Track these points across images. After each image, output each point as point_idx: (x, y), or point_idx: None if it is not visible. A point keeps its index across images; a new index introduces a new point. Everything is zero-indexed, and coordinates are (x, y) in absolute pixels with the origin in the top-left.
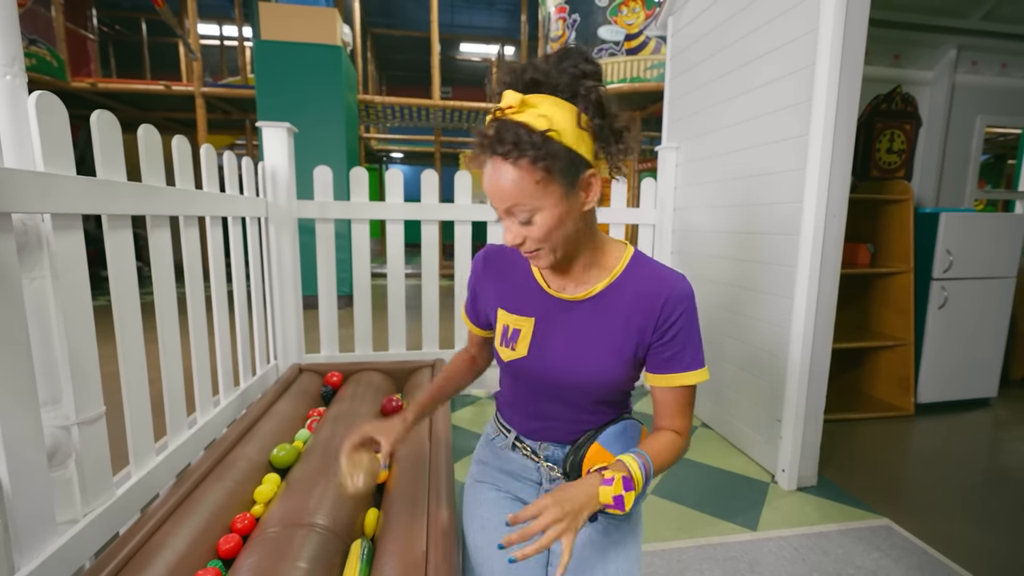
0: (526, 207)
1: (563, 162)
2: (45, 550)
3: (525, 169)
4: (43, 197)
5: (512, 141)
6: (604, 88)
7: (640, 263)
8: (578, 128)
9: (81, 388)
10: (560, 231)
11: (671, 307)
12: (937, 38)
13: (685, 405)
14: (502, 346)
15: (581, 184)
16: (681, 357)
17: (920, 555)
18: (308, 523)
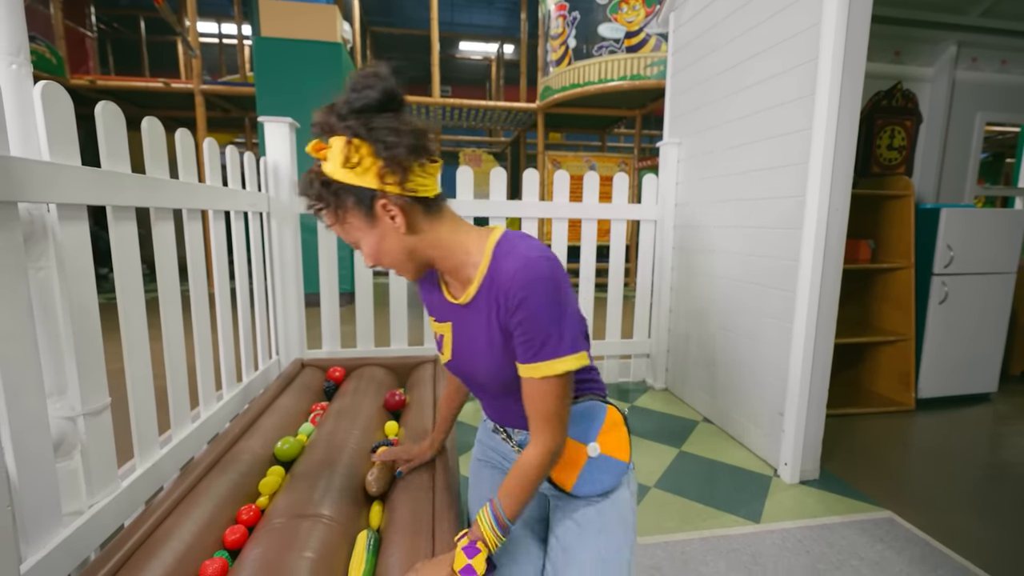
0: (350, 239)
1: (349, 200)
2: (51, 541)
3: (327, 215)
4: (49, 187)
5: (308, 196)
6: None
7: (500, 254)
8: (345, 168)
9: (87, 379)
10: (388, 255)
11: (514, 296)
12: (937, 34)
13: (545, 405)
14: (438, 351)
15: (378, 213)
16: (530, 345)
17: (923, 546)
18: (313, 514)
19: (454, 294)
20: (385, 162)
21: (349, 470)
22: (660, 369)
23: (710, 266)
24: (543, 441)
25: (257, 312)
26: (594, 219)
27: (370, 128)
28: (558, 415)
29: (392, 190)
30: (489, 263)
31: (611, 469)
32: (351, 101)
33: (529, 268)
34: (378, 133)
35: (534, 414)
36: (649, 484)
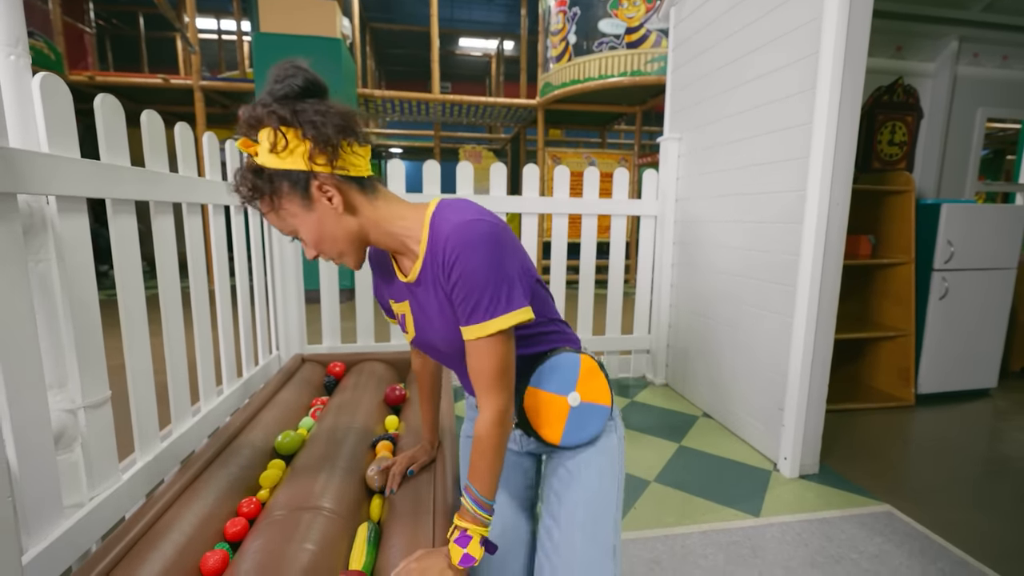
0: (288, 231)
1: (283, 186)
2: (52, 533)
3: (262, 205)
4: (48, 179)
5: (242, 188)
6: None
7: (436, 222)
8: (273, 153)
9: (87, 371)
10: (328, 241)
11: (447, 260)
12: (939, 29)
13: (486, 365)
14: (403, 332)
15: (315, 195)
16: (465, 306)
17: (922, 540)
18: (314, 506)
19: (405, 272)
20: (312, 142)
21: (350, 463)
22: (660, 365)
23: (710, 261)
24: (491, 404)
25: (257, 307)
26: (594, 215)
27: (295, 111)
28: (502, 375)
29: (323, 170)
30: (428, 234)
31: (595, 415)
32: (274, 91)
33: (462, 230)
34: (303, 115)
35: (478, 377)
36: (649, 478)
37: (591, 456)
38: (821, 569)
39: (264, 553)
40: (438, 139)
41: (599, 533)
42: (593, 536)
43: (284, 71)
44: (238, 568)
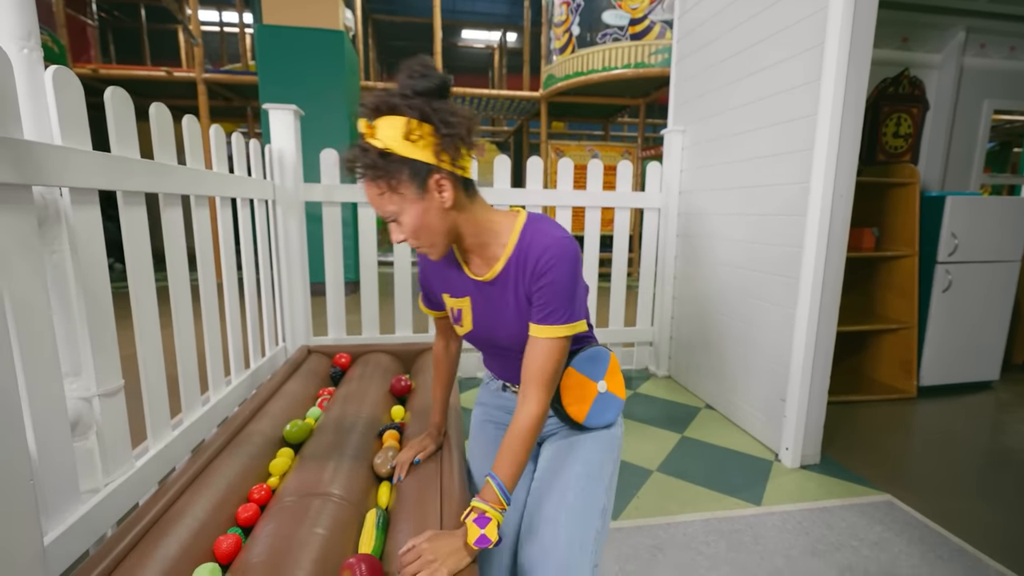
0: (390, 213)
1: (404, 172)
2: (70, 517)
3: (375, 185)
4: (61, 171)
5: (361, 165)
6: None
7: (527, 233)
8: (406, 140)
9: (101, 360)
10: (427, 230)
11: (541, 267)
12: (946, 20)
13: (541, 364)
14: (455, 324)
15: (431, 187)
16: (543, 309)
17: (921, 529)
18: (324, 493)
19: (476, 271)
20: (443, 140)
21: (357, 452)
22: (663, 357)
23: (713, 253)
24: (538, 399)
25: (264, 299)
26: (598, 207)
27: (433, 109)
28: (553, 376)
29: (445, 166)
30: (516, 242)
31: (613, 405)
32: (414, 85)
33: (559, 246)
34: (440, 114)
35: (534, 373)
36: (652, 468)
37: (593, 434)
38: (821, 557)
39: (276, 537)
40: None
41: (591, 490)
42: (585, 490)
43: (421, 69)
44: (251, 551)
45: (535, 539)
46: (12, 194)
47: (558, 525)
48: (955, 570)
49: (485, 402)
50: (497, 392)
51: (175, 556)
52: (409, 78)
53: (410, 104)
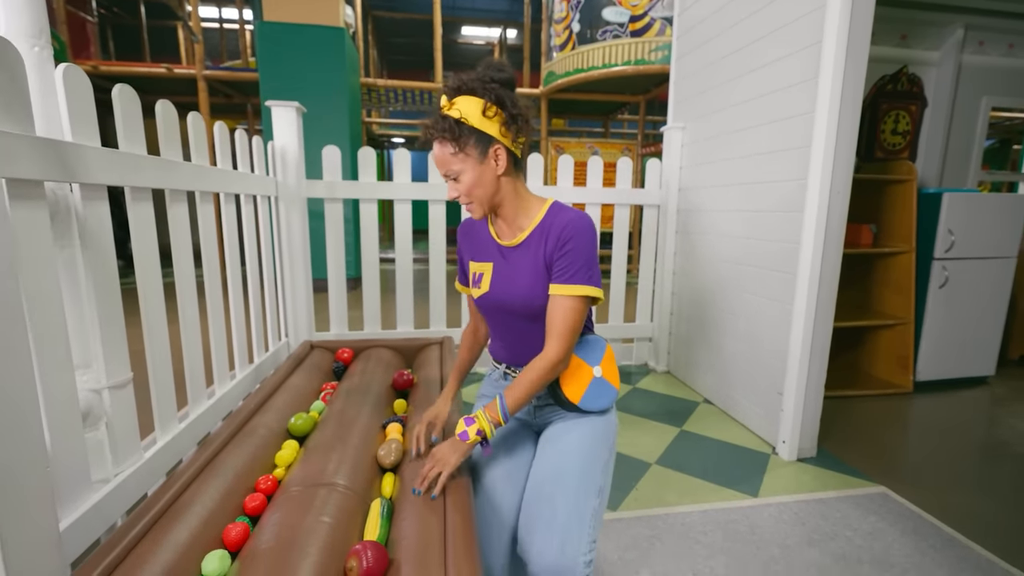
0: (453, 170)
1: (472, 139)
2: (82, 506)
3: (446, 144)
4: (72, 167)
5: (439, 128)
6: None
7: (554, 212)
8: (483, 116)
9: (110, 353)
10: (480, 188)
11: (567, 233)
12: (945, 17)
13: (563, 317)
14: (472, 287)
15: (490, 155)
16: (567, 270)
17: (915, 519)
18: (329, 483)
19: (503, 237)
20: (508, 121)
21: (361, 444)
22: (662, 352)
23: (712, 250)
24: (555, 349)
25: (267, 295)
26: (598, 203)
27: (507, 96)
28: (572, 331)
29: (505, 142)
30: (544, 216)
31: (607, 391)
32: (493, 75)
33: (581, 220)
34: (511, 101)
35: (554, 326)
36: (651, 461)
37: (590, 419)
38: (817, 546)
39: (283, 525)
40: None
41: (588, 469)
42: (582, 470)
43: (499, 64)
44: (259, 539)
45: (534, 517)
46: (26, 190)
47: (556, 503)
48: (947, 558)
49: (486, 394)
50: (498, 382)
51: (186, 543)
52: (488, 69)
53: (487, 88)
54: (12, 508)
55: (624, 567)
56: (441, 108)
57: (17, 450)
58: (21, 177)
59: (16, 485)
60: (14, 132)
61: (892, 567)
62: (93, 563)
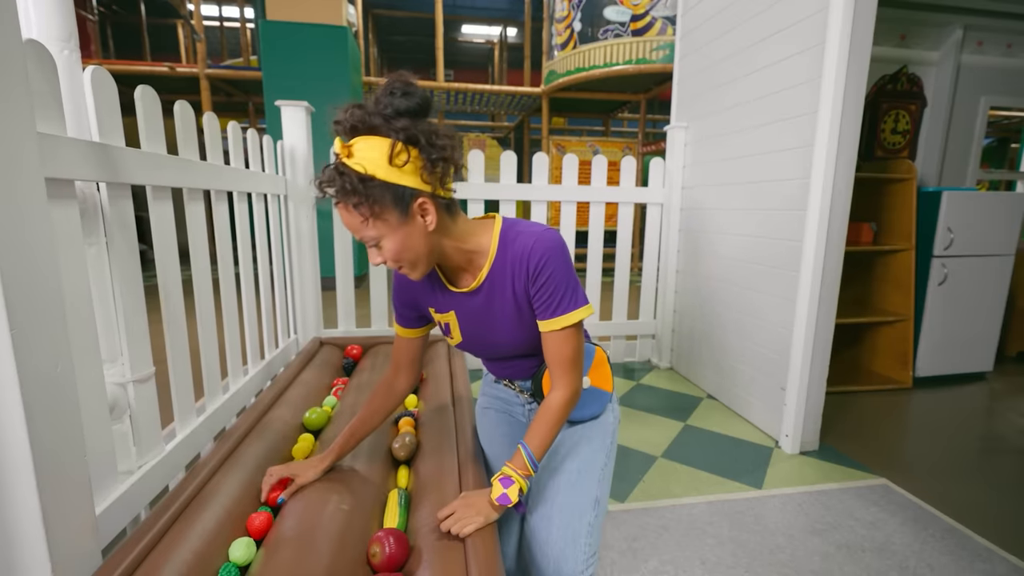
0: (370, 238)
1: (387, 198)
2: (110, 496)
3: (354, 211)
4: (100, 166)
5: (339, 189)
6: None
7: (507, 237)
8: (390, 165)
9: (134, 348)
10: (409, 252)
11: (535, 263)
12: (944, 18)
13: (562, 351)
14: (445, 336)
15: (414, 212)
16: (551, 303)
17: (916, 510)
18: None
19: (458, 284)
20: (430, 163)
21: (375, 437)
22: (665, 349)
23: (715, 247)
24: (566, 385)
25: (276, 292)
26: (602, 202)
27: (419, 131)
28: (576, 361)
29: (428, 190)
30: (497, 250)
31: (598, 398)
32: (396, 104)
33: (543, 240)
34: (426, 136)
35: (557, 362)
36: (656, 455)
37: (583, 427)
38: (820, 535)
39: (305, 513)
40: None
41: (582, 483)
42: (575, 484)
43: (403, 86)
44: (282, 527)
45: (532, 536)
46: (59, 189)
47: (551, 522)
48: (947, 546)
49: (486, 392)
50: (495, 384)
51: (212, 531)
52: (390, 95)
53: (392, 126)
54: (55, 492)
55: (634, 556)
56: (337, 155)
57: (62, 438)
58: (54, 176)
59: (60, 471)
60: (51, 133)
61: (894, 554)
62: (128, 547)
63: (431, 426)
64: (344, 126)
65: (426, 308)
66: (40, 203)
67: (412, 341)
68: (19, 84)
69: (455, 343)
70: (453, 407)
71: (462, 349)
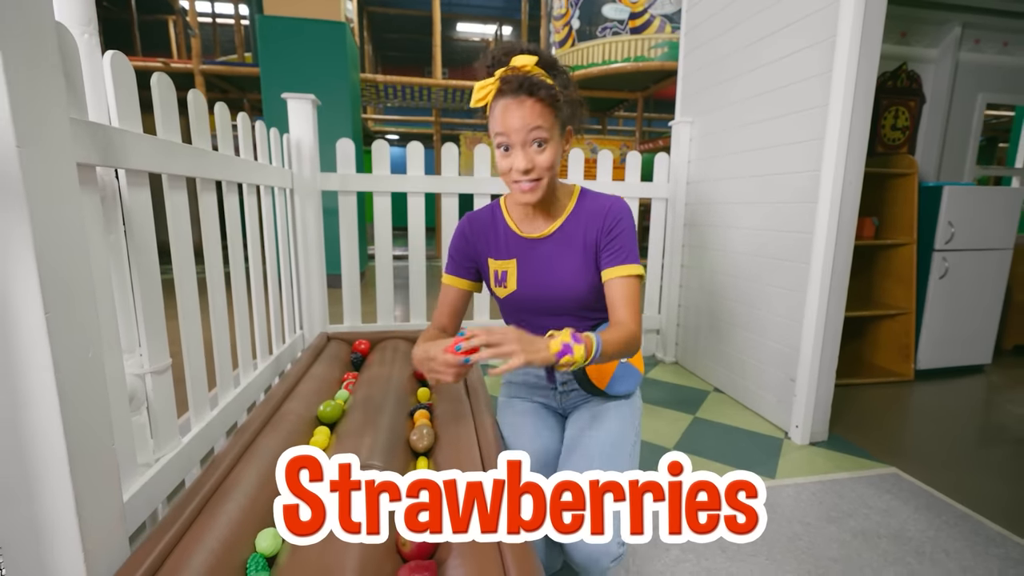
0: (544, 134)
1: (564, 112)
2: (131, 487)
3: (547, 106)
4: (120, 153)
5: (543, 86)
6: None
7: (586, 196)
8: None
9: (152, 339)
10: (554, 165)
11: (613, 216)
12: (943, 15)
13: (630, 294)
14: (497, 287)
15: (567, 134)
16: (621, 252)
17: (927, 497)
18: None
19: (530, 229)
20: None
21: (392, 429)
22: (670, 343)
23: (722, 241)
24: (632, 322)
25: (283, 286)
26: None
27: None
28: (638, 306)
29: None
30: (575, 204)
31: (633, 375)
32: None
33: (620, 202)
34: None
35: (625, 304)
36: (669, 446)
37: (616, 403)
38: (836, 523)
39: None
40: (438, 125)
41: (615, 456)
42: (609, 456)
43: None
44: None
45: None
46: (82, 175)
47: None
48: (961, 532)
49: (512, 381)
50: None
51: (237, 520)
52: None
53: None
54: (88, 479)
55: (654, 546)
56: (520, 68)
57: (94, 425)
58: (83, 162)
59: (92, 457)
60: (77, 118)
61: (909, 540)
62: (156, 537)
63: (448, 418)
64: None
65: (484, 258)
66: (73, 189)
67: (459, 292)
68: (54, 68)
69: (506, 293)
70: (468, 399)
71: (509, 303)
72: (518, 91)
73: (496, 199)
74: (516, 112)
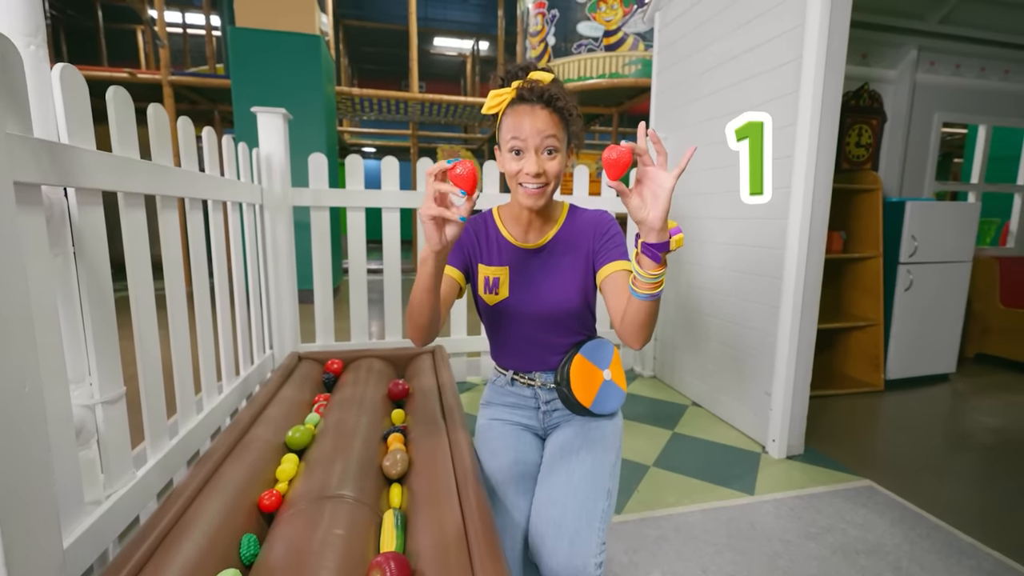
0: (556, 143)
1: (574, 126)
2: (76, 529)
3: (560, 119)
4: (68, 170)
5: (560, 99)
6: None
7: (575, 211)
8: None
9: (104, 367)
10: (559, 173)
11: (604, 223)
12: (900, 39)
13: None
14: (487, 293)
15: (571, 149)
16: (618, 249)
17: (901, 509)
18: (336, 495)
19: (520, 238)
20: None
21: (364, 455)
22: (648, 357)
23: (698, 256)
24: None
25: (252, 304)
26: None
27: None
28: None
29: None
30: (566, 216)
31: (616, 394)
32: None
33: (608, 215)
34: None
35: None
36: (648, 463)
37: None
38: (815, 540)
39: (295, 540)
40: (415, 139)
41: (596, 472)
42: (591, 472)
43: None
44: (271, 555)
45: (544, 519)
46: (24, 194)
47: (565, 505)
48: (934, 545)
49: (491, 402)
50: (504, 388)
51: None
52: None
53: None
54: (21, 526)
55: (635, 569)
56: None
57: (30, 465)
58: (24, 181)
59: (27, 502)
60: (17, 134)
61: (886, 555)
62: None
63: (423, 442)
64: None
65: (475, 260)
66: (8, 209)
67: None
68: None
69: (497, 300)
70: (444, 421)
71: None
72: (537, 100)
73: (487, 210)
74: (533, 119)
